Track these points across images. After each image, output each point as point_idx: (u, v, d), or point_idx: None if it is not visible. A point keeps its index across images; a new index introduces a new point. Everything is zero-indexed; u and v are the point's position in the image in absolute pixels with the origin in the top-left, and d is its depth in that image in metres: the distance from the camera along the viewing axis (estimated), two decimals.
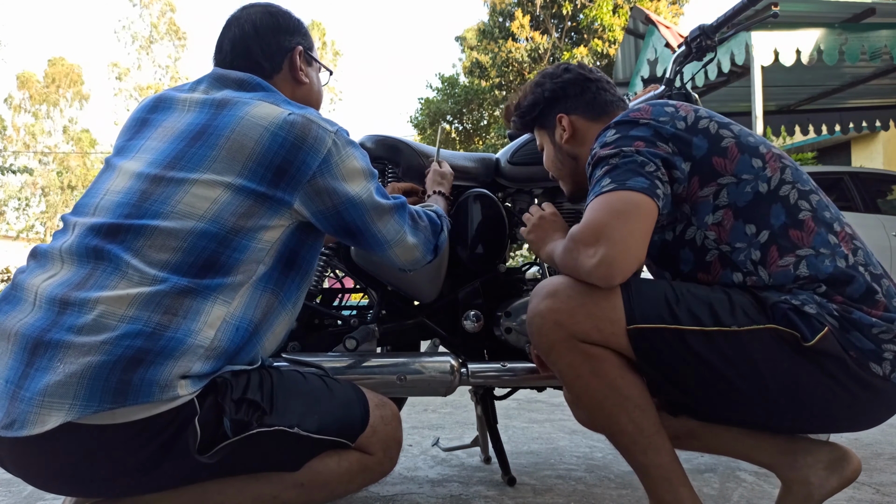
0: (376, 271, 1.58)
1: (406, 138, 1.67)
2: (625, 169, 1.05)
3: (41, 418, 0.84)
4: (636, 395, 1.03)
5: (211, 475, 0.98)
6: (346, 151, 1.10)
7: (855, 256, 1.06)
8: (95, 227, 0.98)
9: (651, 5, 12.88)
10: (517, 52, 14.17)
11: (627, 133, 1.11)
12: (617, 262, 0.99)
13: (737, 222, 1.07)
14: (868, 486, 1.65)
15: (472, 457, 1.99)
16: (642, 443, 1.03)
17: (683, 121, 1.11)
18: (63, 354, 0.87)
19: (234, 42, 1.22)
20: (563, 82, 1.37)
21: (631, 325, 1.01)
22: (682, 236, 1.12)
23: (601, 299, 1.03)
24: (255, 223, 1.01)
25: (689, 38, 1.70)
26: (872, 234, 5.58)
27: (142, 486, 0.96)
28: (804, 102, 7.50)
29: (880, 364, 0.99)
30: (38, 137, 28.55)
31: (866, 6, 5.09)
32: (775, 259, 1.05)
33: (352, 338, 1.52)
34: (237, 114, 1.06)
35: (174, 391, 0.89)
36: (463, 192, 1.66)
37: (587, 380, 1.05)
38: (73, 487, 0.95)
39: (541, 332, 1.07)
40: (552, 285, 1.07)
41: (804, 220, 1.06)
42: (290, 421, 1.00)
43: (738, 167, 1.08)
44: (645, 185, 1.02)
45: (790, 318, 0.99)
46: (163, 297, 0.92)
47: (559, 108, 1.37)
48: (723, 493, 1.60)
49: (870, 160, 10.96)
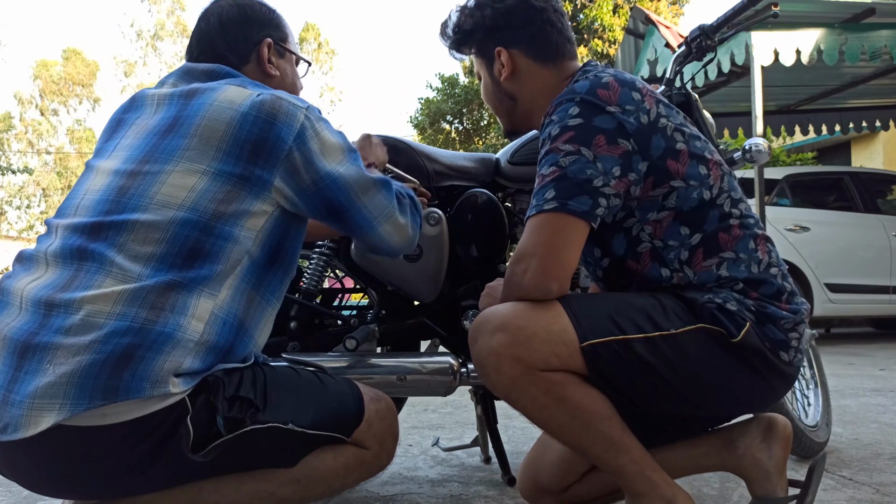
0: (376, 271, 1.58)
1: (406, 138, 1.67)
2: (573, 182, 1.04)
3: (33, 420, 0.84)
4: (600, 407, 1.04)
5: (206, 474, 0.98)
6: (319, 126, 1.09)
7: (769, 258, 1.13)
8: (77, 227, 0.98)
9: (651, 5, 12.88)
10: None
11: (591, 121, 1.07)
12: (549, 271, 1.03)
13: (674, 223, 1.11)
14: (868, 486, 1.65)
15: (472, 457, 1.99)
16: (614, 449, 1.04)
17: (647, 115, 1.09)
18: (52, 356, 0.86)
19: (200, 36, 1.22)
20: (505, 9, 1.24)
21: (584, 342, 1.01)
22: (622, 224, 1.14)
23: (552, 324, 1.02)
24: (237, 208, 1.01)
25: (689, 38, 1.70)
26: (872, 234, 5.58)
27: (137, 487, 0.96)
28: (804, 102, 7.50)
29: (788, 352, 1.08)
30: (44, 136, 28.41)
31: (866, 6, 5.09)
32: (700, 260, 1.10)
33: (352, 338, 1.52)
34: (206, 101, 1.06)
35: (165, 387, 0.88)
36: (463, 192, 1.67)
37: (552, 409, 1.03)
38: (68, 490, 0.95)
39: (499, 371, 1.02)
40: (497, 319, 1.03)
41: (732, 226, 1.12)
42: (284, 417, 1.00)
43: (687, 171, 1.11)
44: (586, 208, 1.04)
45: (717, 316, 1.04)
46: (148, 292, 0.91)
47: (498, 40, 1.25)
48: (723, 493, 1.60)
49: (870, 160, 10.95)
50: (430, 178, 1.62)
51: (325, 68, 27.60)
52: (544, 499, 1.28)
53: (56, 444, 0.87)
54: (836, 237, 5.52)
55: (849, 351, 5.13)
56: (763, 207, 4.94)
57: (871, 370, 3.97)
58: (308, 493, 1.06)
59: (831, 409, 2.12)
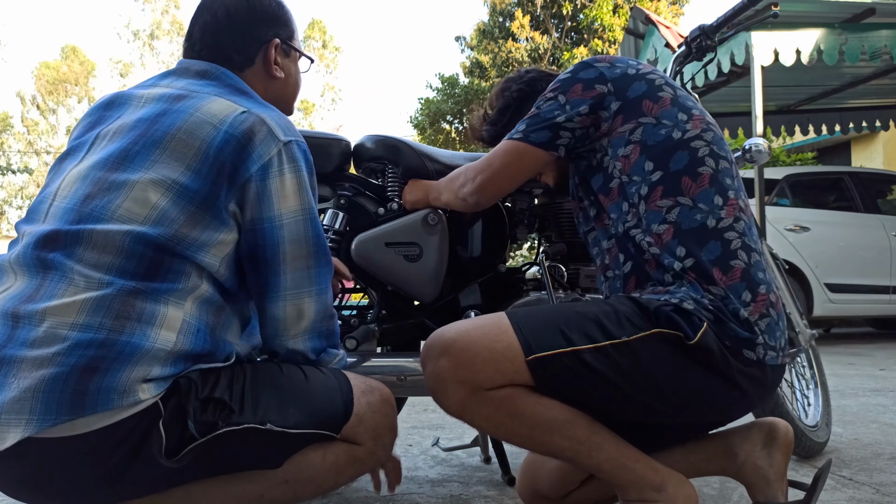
0: (376, 271, 1.58)
1: (406, 138, 1.67)
2: (539, 119, 1.21)
3: (0, 436, 0.82)
4: (558, 413, 1.03)
5: (188, 478, 0.96)
6: (290, 166, 1.03)
7: (734, 223, 1.10)
8: (41, 236, 0.94)
9: (651, 5, 12.88)
10: (517, 53, 14.17)
11: (576, 75, 1.21)
12: (486, 187, 1.29)
13: (640, 157, 1.14)
14: (868, 486, 1.65)
15: (472, 457, 1.99)
16: (584, 450, 1.04)
17: (635, 69, 1.21)
18: (17, 370, 0.84)
19: (204, 30, 1.14)
20: (529, 80, 1.44)
21: (529, 356, 1.00)
22: (601, 164, 1.20)
23: (495, 341, 1.01)
24: (199, 236, 0.96)
25: (689, 38, 1.70)
26: (872, 234, 5.58)
27: (115, 496, 0.93)
28: (804, 102, 7.50)
29: (754, 349, 1.04)
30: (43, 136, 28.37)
31: (866, 6, 5.09)
32: (656, 198, 1.11)
33: (352, 338, 1.52)
34: (188, 110, 1.01)
35: (135, 396, 0.86)
36: None
37: (508, 424, 1.03)
38: (46, 500, 0.92)
39: (446, 395, 1.03)
40: (442, 342, 1.03)
41: (702, 173, 1.12)
42: (262, 418, 0.96)
43: (662, 113, 1.16)
44: (543, 140, 1.20)
45: (673, 319, 1.01)
46: (112, 300, 0.88)
47: (529, 105, 1.37)
48: (723, 493, 1.60)
49: (870, 160, 10.95)
50: (431, 178, 1.62)
51: (329, 67, 27.44)
52: None
53: (26, 456, 0.85)
54: (836, 237, 5.52)
55: (849, 351, 5.13)
56: (763, 207, 4.94)
57: (871, 370, 3.97)
58: (298, 494, 1.03)
59: (831, 409, 2.12)
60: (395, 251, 1.55)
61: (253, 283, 1.06)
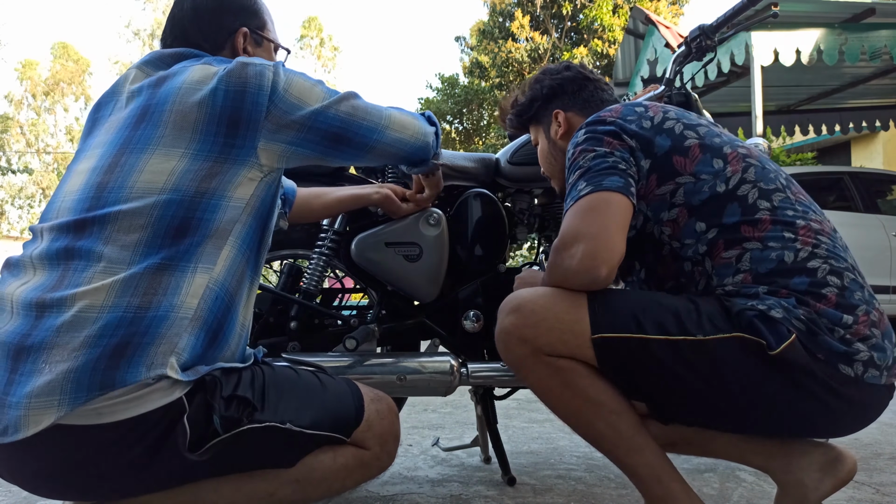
0: (376, 271, 1.58)
1: None
2: (598, 170, 1.08)
3: (33, 420, 0.84)
4: (609, 401, 1.04)
5: (205, 474, 0.98)
6: (289, 77, 1.08)
7: (814, 249, 1.03)
8: (62, 228, 0.97)
9: (651, 5, 12.88)
10: (517, 53, 14.17)
11: (596, 131, 1.14)
12: (598, 254, 1.00)
13: (690, 220, 1.09)
14: (868, 486, 1.65)
15: (472, 457, 1.99)
16: (624, 445, 1.04)
17: (650, 121, 1.14)
18: (47, 356, 0.87)
19: (173, 22, 1.19)
20: (562, 79, 1.39)
21: (595, 334, 1.02)
22: (643, 229, 1.14)
23: (564, 312, 1.03)
24: (221, 181, 1.00)
25: (689, 38, 1.70)
26: (872, 234, 5.58)
27: (135, 487, 0.96)
28: (804, 102, 7.50)
29: (851, 365, 0.97)
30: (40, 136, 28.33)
31: (866, 6, 5.09)
32: (720, 251, 1.06)
33: (352, 338, 1.52)
34: (174, 85, 1.04)
35: (162, 369, 0.89)
36: (463, 192, 1.66)
37: (559, 392, 1.05)
38: (67, 491, 0.95)
39: (508, 349, 1.07)
40: (515, 301, 1.07)
41: (761, 218, 1.06)
42: (282, 417, 0.99)
43: (697, 166, 1.09)
44: (620, 184, 1.06)
45: (756, 325, 0.97)
46: (139, 279, 0.91)
47: (556, 104, 1.39)
48: (723, 493, 1.60)
49: (870, 160, 10.95)
50: None
51: (326, 67, 27.39)
52: None
53: (54, 444, 0.87)
54: None
55: None
56: None
57: None
58: (307, 494, 1.06)
59: None
60: (395, 251, 1.55)
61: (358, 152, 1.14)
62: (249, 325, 1.11)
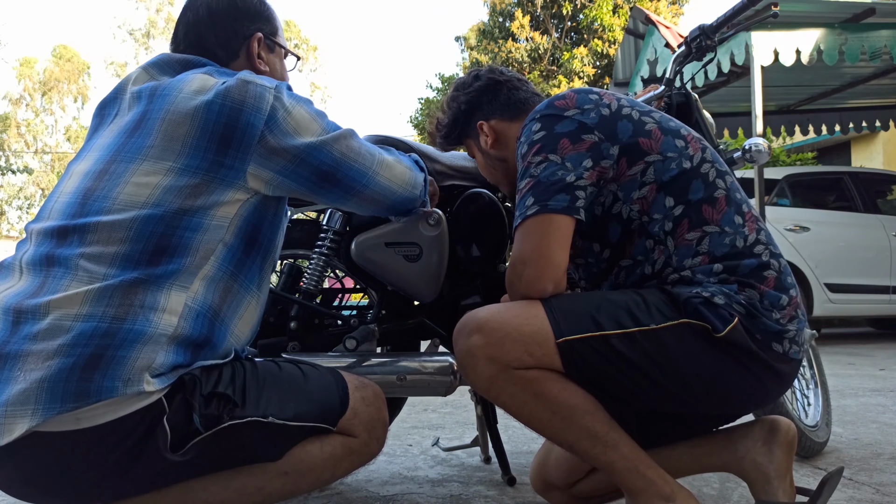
0: (376, 271, 1.58)
1: (406, 138, 1.67)
2: (547, 185, 1.10)
3: (7, 428, 0.84)
4: (581, 402, 1.06)
5: (190, 474, 0.97)
6: (290, 103, 1.06)
7: (757, 235, 1.12)
8: (47, 233, 0.97)
9: (651, 5, 12.88)
10: (517, 53, 14.16)
11: (552, 129, 1.14)
12: (543, 274, 1.08)
13: (659, 195, 1.13)
14: (868, 486, 1.65)
15: (472, 457, 1.99)
16: (600, 444, 1.05)
17: (608, 108, 1.15)
18: (23, 364, 0.86)
19: (187, 28, 1.17)
20: (474, 91, 1.40)
21: (559, 338, 1.04)
22: (611, 211, 1.16)
23: (526, 324, 1.05)
24: (206, 201, 0.99)
25: (689, 38, 1.70)
26: (872, 234, 5.59)
27: (120, 490, 0.95)
28: (804, 102, 7.50)
29: (781, 343, 1.06)
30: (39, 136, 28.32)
31: (866, 6, 5.09)
32: (683, 232, 1.11)
33: (352, 338, 1.52)
34: (170, 95, 1.03)
35: (139, 385, 0.87)
36: (463, 192, 1.66)
37: (532, 406, 1.06)
38: (50, 497, 0.94)
39: (475, 371, 1.06)
40: (476, 320, 1.07)
41: (718, 197, 1.13)
42: (264, 411, 0.99)
43: (662, 146, 1.14)
44: (565, 204, 1.09)
45: (701, 311, 1.03)
46: (114, 290, 0.90)
47: (478, 117, 1.40)
48: (723, 493, 1.60)
49: (870, 160, 10.95)
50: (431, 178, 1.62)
51: (308, 65, 27.65)
52: (553, 494, 1.30)
53: (33, 451, 0.86)
54: (836, 237, 5.52)
55: (849, 351, 5.13)
56: (763, 207, 4.94)
57: (871, 370, 3.97)
58: (297, 485, 1.05)
59: (831, 409, 2.12)
60: (395, 251, 1.55)
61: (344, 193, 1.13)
62: (249, 337, 1.10)
